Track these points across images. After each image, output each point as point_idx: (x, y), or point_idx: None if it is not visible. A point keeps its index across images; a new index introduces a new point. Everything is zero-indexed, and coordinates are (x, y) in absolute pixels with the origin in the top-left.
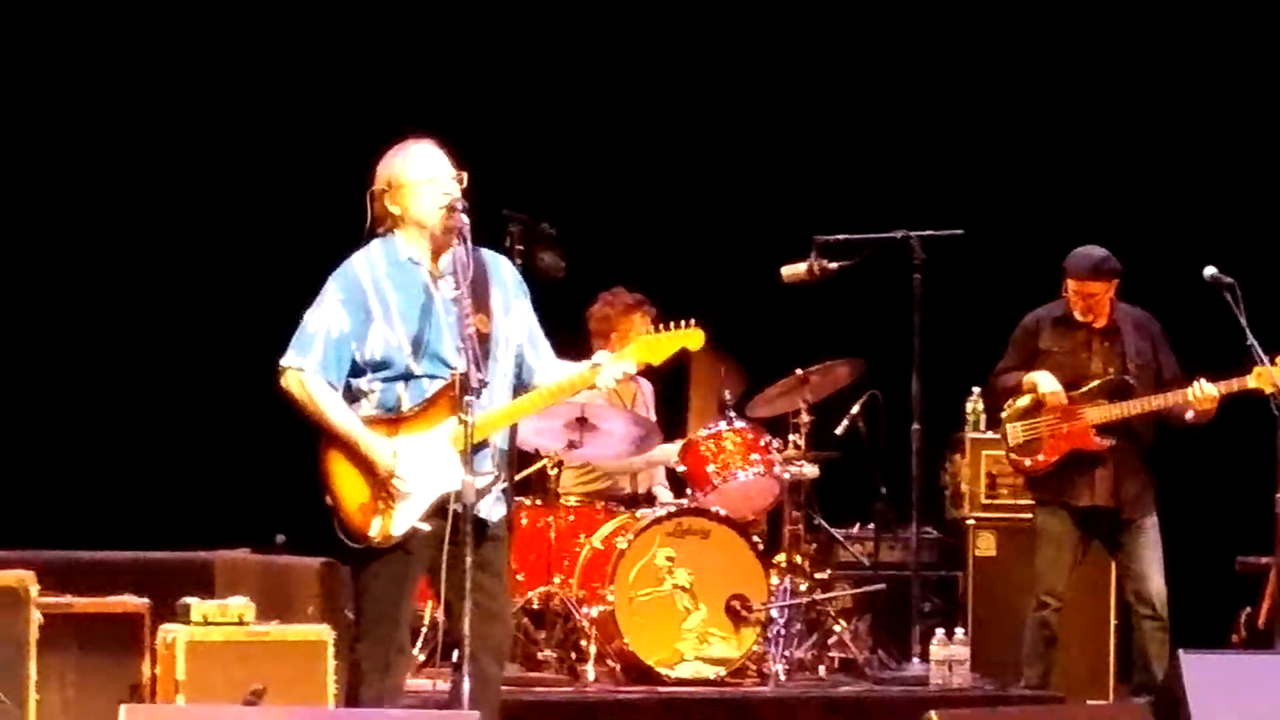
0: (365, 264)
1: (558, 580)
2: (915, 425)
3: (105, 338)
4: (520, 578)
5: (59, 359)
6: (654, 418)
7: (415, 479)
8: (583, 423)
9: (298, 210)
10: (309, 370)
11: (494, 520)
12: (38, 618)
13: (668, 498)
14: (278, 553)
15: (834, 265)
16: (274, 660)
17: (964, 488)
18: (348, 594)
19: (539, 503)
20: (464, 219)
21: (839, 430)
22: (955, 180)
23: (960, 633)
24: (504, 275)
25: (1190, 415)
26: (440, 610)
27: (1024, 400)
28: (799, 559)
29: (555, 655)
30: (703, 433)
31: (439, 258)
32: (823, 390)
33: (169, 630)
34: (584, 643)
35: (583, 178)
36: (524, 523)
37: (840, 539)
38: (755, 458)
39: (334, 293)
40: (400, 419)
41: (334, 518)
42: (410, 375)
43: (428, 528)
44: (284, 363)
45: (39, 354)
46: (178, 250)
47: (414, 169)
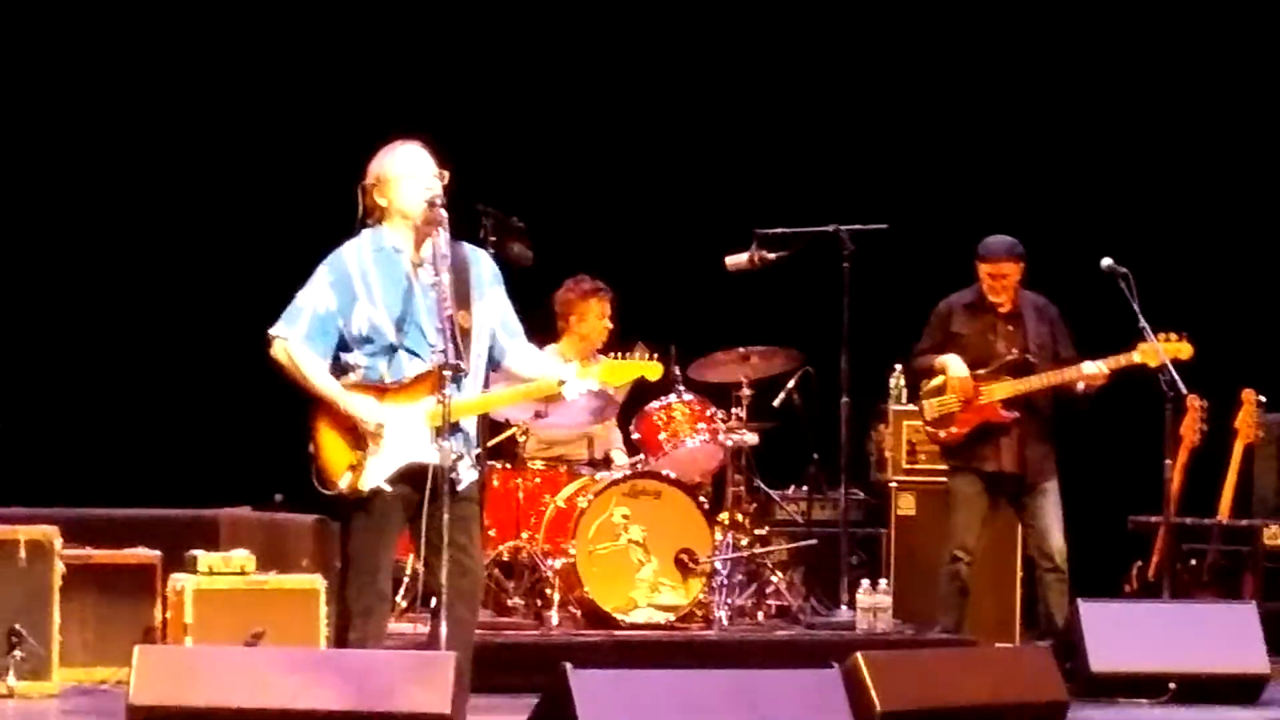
0: (354, 251)
1: (525, 535)
2: (844, 398)
3: (126, 321)
4: (492, 533)
5: (84, 339)
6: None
7: (389, 442)
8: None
9: (294, 203)
10: (294, 339)
11: (466, 485)
12: (61, 568)
13: (623, 460)
14: (276, 510)
15: (772, 255)
16: (272, 606)
17: (887, 454)
18: (337, 547)
19: (508, 466)
20: (443, 213)
21: (776, 402)
22: (881, 180)
23: (883, 583)
24: (481, 267)
25: (1081, 388)
26: (420, 563)
27: (938, 380)
28: (740, 517)
29: (523, 602)
30: (655, 404)
31: (420, 248)
32: (761, 371)
33: (178, 579)
34: (548, 591)
35: (550, 177)
36: (495, 484)
37: (777, 499)
38: (702, 426)
39: (324, 275)
40: (384, 390)
41: (311, 465)
42: (392, 352)
43: (391, 489)
44: (273, 332)
45: (66, 333)
46: (188, 244)
47: (400, 165)
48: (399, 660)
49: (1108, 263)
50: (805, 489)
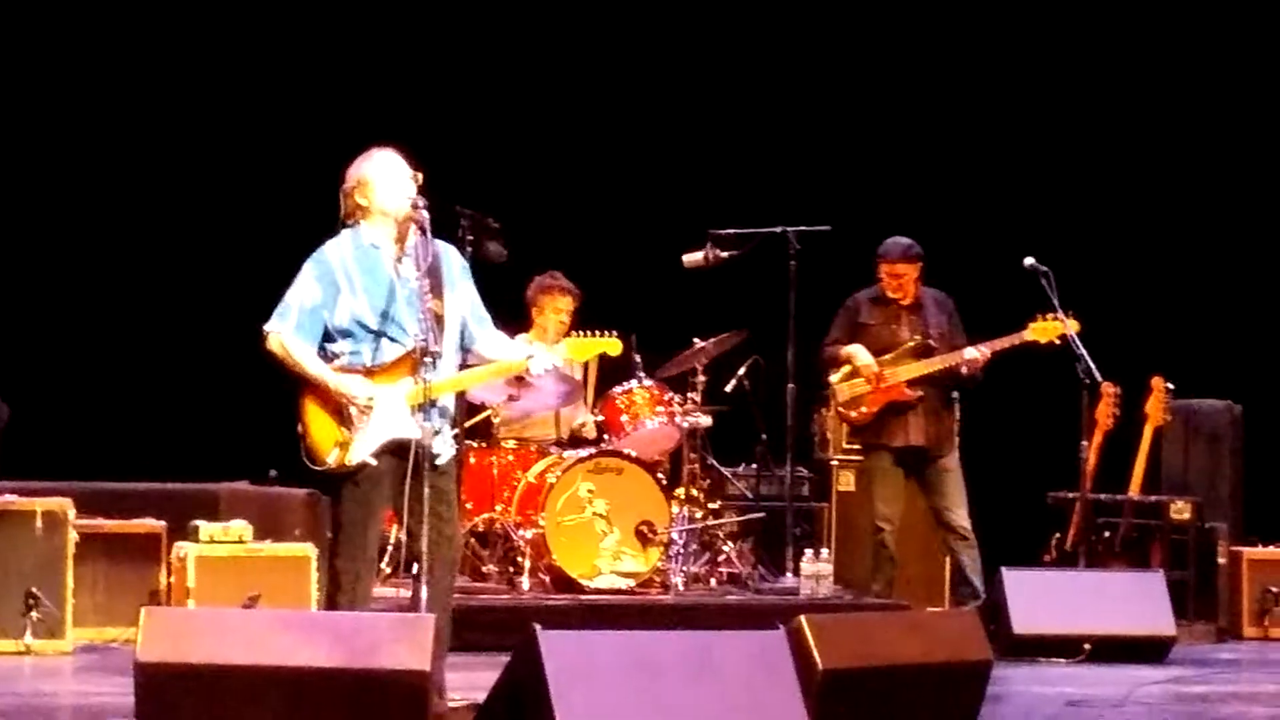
0: (336, 249)
1: (499, 508)
2: (790, 384)
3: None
4: (469, 506)
5: (98, 328)
6: (590, 381)
7: (373, 420)
8: (520, 381)
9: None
10: (286, 333)
11: (445, 460)
12: (74, 536)
13: (589, 419)
14: (271, 485)
15: (726, 254)
16: (267, 572)
17: (829, 435)
18: (327, 519)
19: (484, 445)
20: (425, 214)
21: (728, 388)
22: (825, 186)
23: (825, 553)
24: (452, 261)
25: (965, 370)
26: (403, 532)
27: (846, 368)
28: (695, 492)
29: (496, 569)
30: (618, 389)
31: (400, 244)
32: (713, 353)
33: (182, 547)
34: (520, 559)
35: (524, 181)
36: (472, 461)
37: (728, 476)
38: (660, 410)
39: (309, 271)
40: (369, 373)
41: (301, 444)
42: (376, 339)
43: (376, 463)
44: (267, 328)
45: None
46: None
47: (377, 169)
48: (383, 621)
49: (1030, 261)
50: (754, 467)
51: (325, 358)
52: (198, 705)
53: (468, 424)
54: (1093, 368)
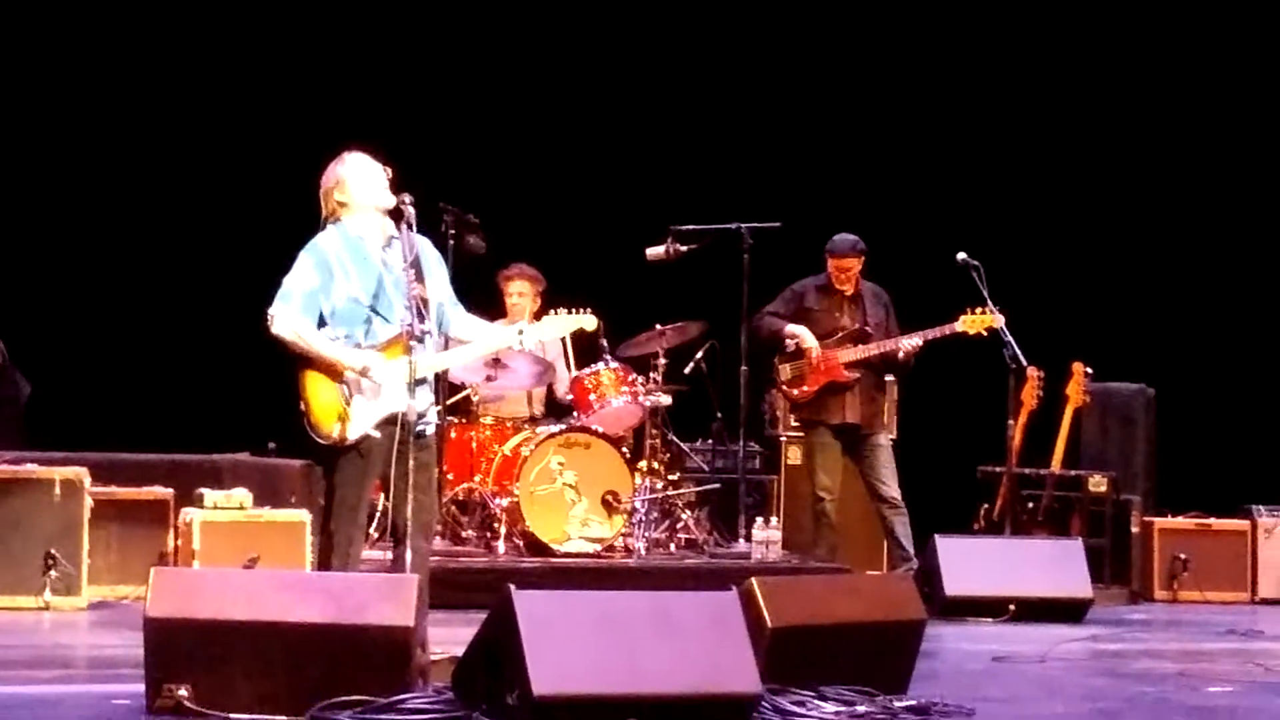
0: (327, 240)
1: (477, 479)
2: (743, 367)
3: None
4: (450, 476)
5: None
6: (569, 361)
7: (371, 394)
8: (497, 362)
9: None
10: (292, 314)
11: (428, 434)
12: (89, 503)
13: (565, 374)
14: (269, 456)
15: (685, 248)
16: (266, 536)
17: (778, 414)
18: (320, 488)
19: (464, 421)
20: (410, 209)
21: (686, 370)
22: (776, 185)
23: (774, 521)
24: (428, 252)
25: (901, 356)
26: (388, 501)
27: (790, 347)
28: (656, 465)
29: (474, 534)
30: (586, 371)
31: (385, 235)
32: (674, 341)
33: (188, 513)
34: (496, 525)
35: (501, 180)
36: (453, 436)
37: (686, 450)
38: (625, 389)
39: (306, 259)
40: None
41: (305, 420)
42: (368, 321)
43: (378, 435)
44: (270, 312)
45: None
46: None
47: (352, 168)
48: (370, 581)
49: (962, 256)
50: (710, 442)
51: None
52: (202, 656)
53: (449, 401)
54: (1019, 354)
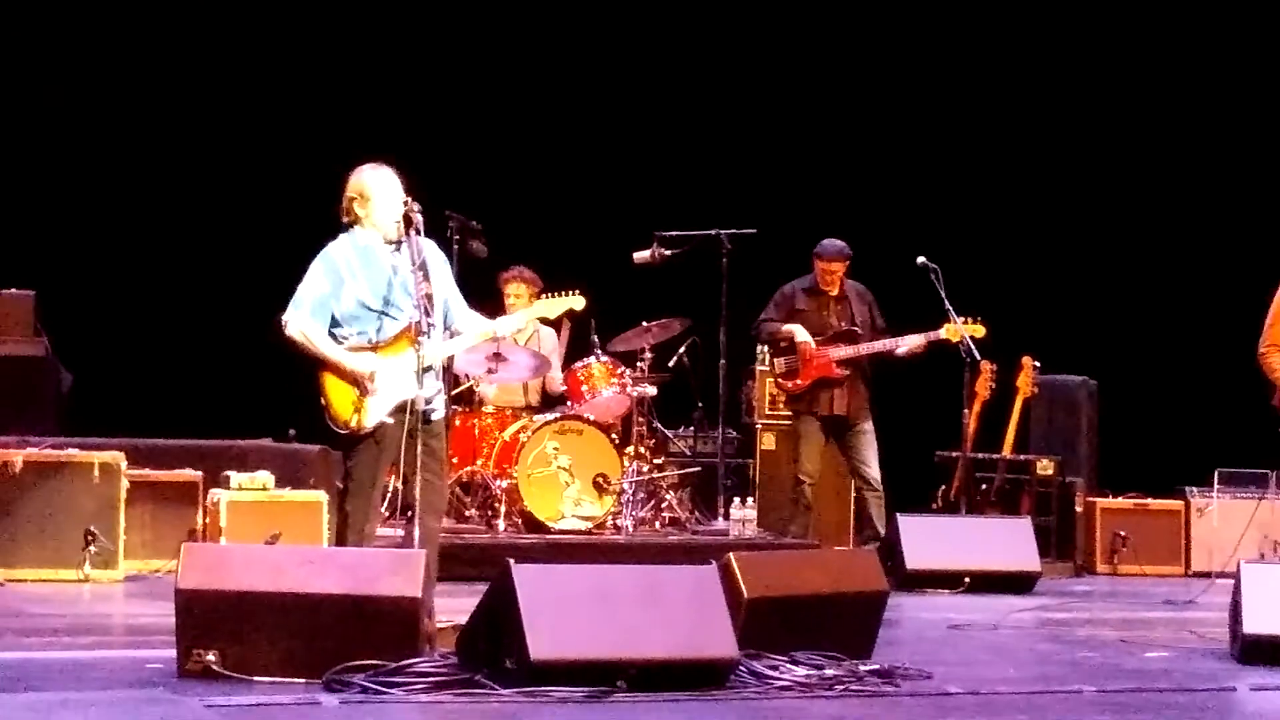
0: (338, 247)
1: (479, 462)
2: (722, 361)
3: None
4: (454, 460)
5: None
6: (559, 353)
7: (383, 385)
8: (497, 356)
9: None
10: (303, 320)
11: (437, 420)
12: (125, 484)
13: (552, 346)
14: (290, 442)
15: (669, 252)
16: (286, 515)
17: (755, 403)
18: (337, 471)
19: (467, 410)
20: (419, 217)
21: (670, 364)
22: (752, 194)
23: (750, 501)
24: (433, 253)
25: (902, 351)
26: (399, 481)
27: (785, 343)
28: (643, 450)
29: (477, 513)
30: (579, 364)
31: (394, 242)
32: (660, 337)
33: (215, 494)
34: (497, 505)
35: (502, 190)
36: (457, 423)
37: (670, 437)
38: (614, 381)
39: (318, 267)
40: (376, 347)
41: (325, 414)
42: (378, 319)
43: (392, 421)
44: (284, 318)
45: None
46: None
47: (375, 186)
48: (382, 556)
49: (921, 260)
50: (692, 429)
51: (335, 340)
52: (228, 624)
53: (454, 392)
54: (973, 349)
